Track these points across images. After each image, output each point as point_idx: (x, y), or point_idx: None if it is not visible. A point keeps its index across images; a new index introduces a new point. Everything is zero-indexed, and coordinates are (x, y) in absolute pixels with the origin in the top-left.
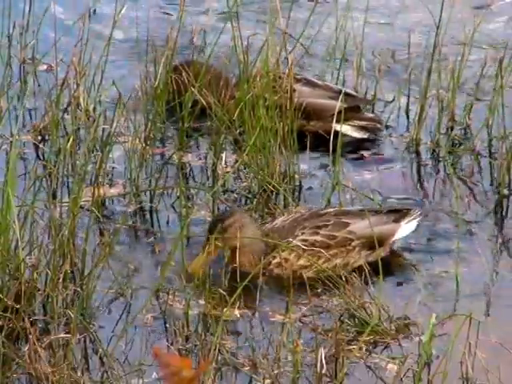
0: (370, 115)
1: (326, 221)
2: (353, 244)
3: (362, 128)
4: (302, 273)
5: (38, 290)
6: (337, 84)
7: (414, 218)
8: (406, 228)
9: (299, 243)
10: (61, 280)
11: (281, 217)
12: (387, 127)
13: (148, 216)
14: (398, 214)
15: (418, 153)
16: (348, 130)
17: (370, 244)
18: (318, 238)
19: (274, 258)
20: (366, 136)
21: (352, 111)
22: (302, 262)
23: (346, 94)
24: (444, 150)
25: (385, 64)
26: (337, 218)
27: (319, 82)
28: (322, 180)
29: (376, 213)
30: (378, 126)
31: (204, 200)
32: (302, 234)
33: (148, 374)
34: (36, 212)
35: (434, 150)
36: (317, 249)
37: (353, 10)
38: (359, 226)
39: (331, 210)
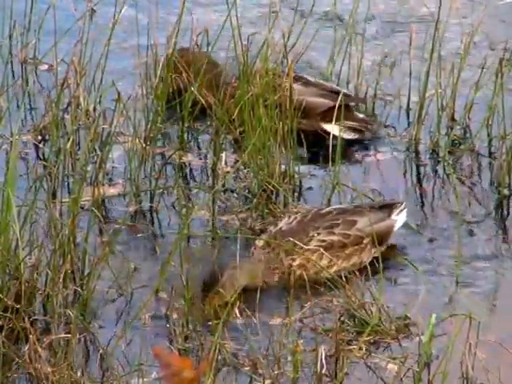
0: (361, 116)
1: (335, 220)
2: (364, 241)
3: (351, 129)
4: (323, 274)
5: (38, 290)
6: (338, 84)
7: (402, 210)
8: (399, 220)
9: (318, 243)
10: (61, 280)
11: (283, 219)
12: (387, 127)
13: (148, 216)
14: (387, 208)
15: (417, 152)
16: (336, 129)
17: (377, 240)
18: (335, 237)
19: (294, 260)
20: (354, 137)
21: (342, 111)
22: (324, 262)
23: (337, 93)
24: (444, 149)
25: (385, 63)
26: (342, 216)
27: (311, 80)
28: (322, 180)
29: (371, 209)
30: (369, 127)
31: (204, 200)
32: (318, 234)
33: (148, 374)
34: (36, 212)
35: (433, 150)
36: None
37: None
38: (365, 224)
39: (330, 208)
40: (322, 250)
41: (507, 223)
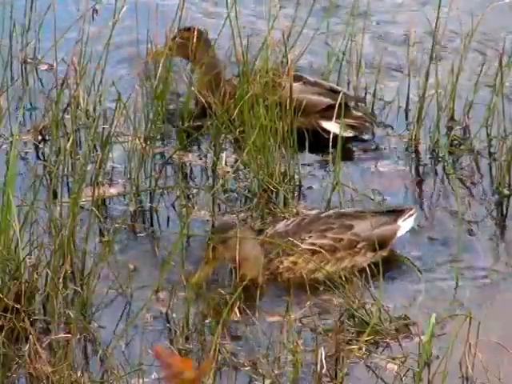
0: (359, 114)
1: (331, 223)
2: (359, 246)
3: (349, 126)
4: (311, 276)
5: (38, 290)
6: (338, 83)
7: (410, 215)
8: (404, 226)
9: (308, 247)
10: (61, 280)
11: (282, 221)
12: (386, 127)
13: (148, 216)
14: (395, 213)
15: (417, 153)
16: (334, 127)
17: (375, 245)
18: (326, 241)
19: (282, 262)
20: (352, 134)
21: (340, 109)
22: (311, 265)
23: (336, 92)
24: (443, 149)
25: (385, 63)
26: (340, 220)
27: (310, 79)
28: (322, 180)
29: (375, 214)
30: (367, 125)
31: (204, 200)
32: (310, 237)
33: (148, 374)
34: (36, 212)
35: (433, 150)
36: (325, 252)
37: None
38: (363, 228)
39: (331, 212)
40: (316, 251)
41: (507, 223)
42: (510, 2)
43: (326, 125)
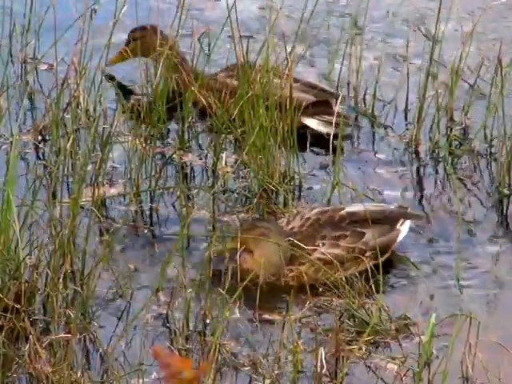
0: (340, 111)
1: (344, 230)
2: (366, 255)
3: (330, 123)
4: (316, 283)
5: (38, 290)
6: (338, 83)
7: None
8: (403, 230)
9: (320, 256)
10: (61, 280)
11: (296, 218)
12: (386, 127)
13: (148, 216)
14: (394, 217)
15: (417, 153)
16: (314, 123)
17: (380, 252)
18: (338, 251)
19: (292, 271)
20: (332, 131)
21: (322, 106)
22: (319, 275)
23: (318, 89)
24: (443, 150)
25: (384, 64)
26: (353, 226)
27: (297, 77)
28: (322, 180)
29: (380, 219)
30: (347, 121)
31: (204, 200)
32: (323, 244)
33: (148, 374)
34: (36, 212)
35: (433, 151)
36: (336, 262)
37: (352, 10)
38: (371, 237)
39: (344, 212)
40: (327, 262)
41: (507, 223)
42: (509, 2)
43: (306, 121)
